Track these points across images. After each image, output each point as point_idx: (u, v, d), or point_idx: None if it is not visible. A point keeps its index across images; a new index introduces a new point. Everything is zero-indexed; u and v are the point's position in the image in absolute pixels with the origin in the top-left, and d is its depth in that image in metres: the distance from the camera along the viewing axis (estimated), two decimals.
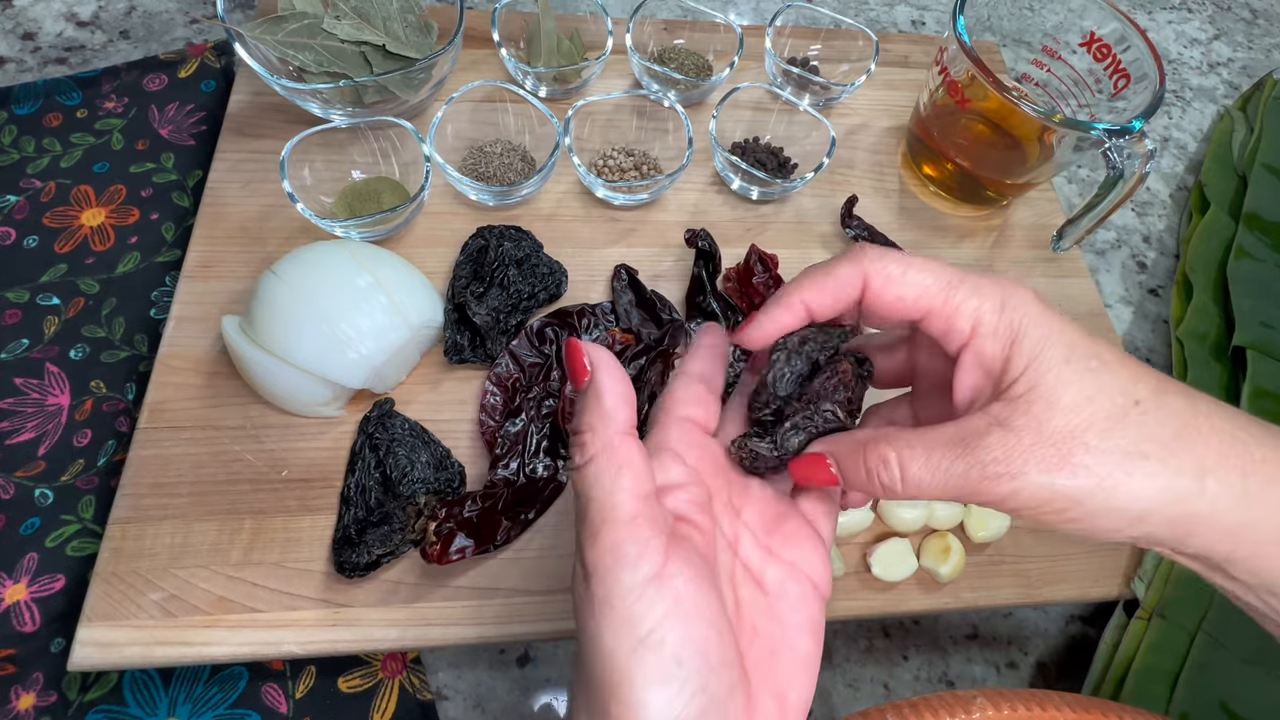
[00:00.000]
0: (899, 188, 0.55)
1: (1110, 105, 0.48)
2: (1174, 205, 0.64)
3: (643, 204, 0.50)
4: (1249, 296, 0.55)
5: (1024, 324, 0.22)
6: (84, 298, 0.45)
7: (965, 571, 0.41)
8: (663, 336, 0.44)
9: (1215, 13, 0.79)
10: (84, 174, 0.48)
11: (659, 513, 0.22)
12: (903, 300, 0.24)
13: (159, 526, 0.37)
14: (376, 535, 0.36)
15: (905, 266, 0.24)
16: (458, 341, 0.42)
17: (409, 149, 0.46)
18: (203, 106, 0.52)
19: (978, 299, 0.23)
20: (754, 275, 0.45)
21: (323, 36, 0.45)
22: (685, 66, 0.54)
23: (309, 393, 0.38)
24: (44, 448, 0.40)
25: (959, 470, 0.22)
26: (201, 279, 0.43)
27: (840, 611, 0.39)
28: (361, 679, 0.38)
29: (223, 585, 0.36)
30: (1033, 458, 0.21)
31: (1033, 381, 0.22)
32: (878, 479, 0.23)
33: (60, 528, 0.39)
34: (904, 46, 0.62)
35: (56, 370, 0.42)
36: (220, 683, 0.37)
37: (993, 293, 0.23)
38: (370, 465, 0.38)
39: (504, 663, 0.40)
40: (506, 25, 0.53)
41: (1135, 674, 0.41)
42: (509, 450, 0.39)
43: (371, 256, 0.40)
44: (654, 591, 0.21)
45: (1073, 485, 0.21)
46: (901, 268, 0.24)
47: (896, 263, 0.24)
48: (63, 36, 0.56)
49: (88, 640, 0.34)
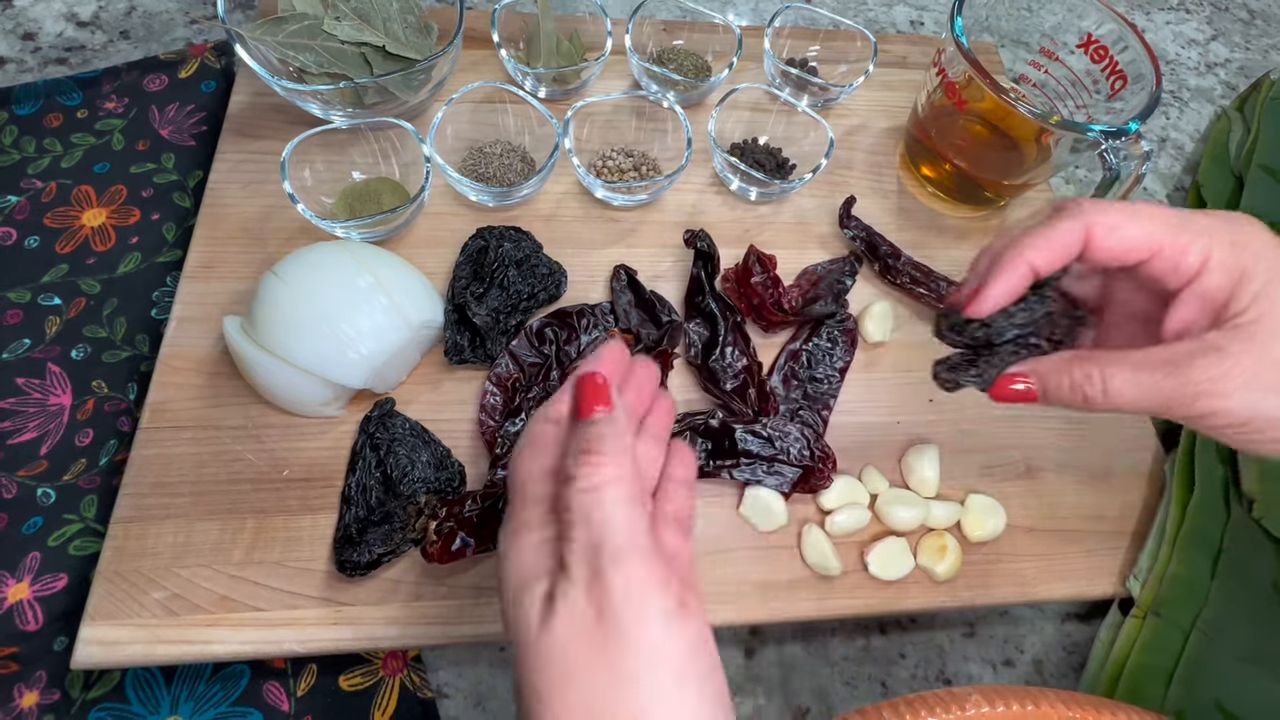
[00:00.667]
0: (897, 188, 0.55)
1: (1108, 106, 0.48)
2: (1171, 206, 0.65)
3: (642, 204, 0.50)
4: None
5: (1254, 260, 0.24)
6: (85, 298, 0.45)
7: (962, 570, 0.41)
8: (661, 337, 0.44)
9: (1213, 13, 0.79)
10: (85, 174, 0.49)
11: None
12: (1129, 247, 0.25)
13: (161, 526, 0.37)
14: (377, 534, 0.36)
15: (1128, 215, 0.25)
16: (458, 342, 0.42)
17: (409, 150, 0.46)
18: (203, 107, 0.52)
19: (1207, 237, 0.25)
20: (752, 276, 0.45)
21: (323, 37, 0.45)
22: (684, 67, 0.54)
23: (310, 393, 0.38)
24: (46, 447, 0.41)
25: (1168, 387, 0.24)
26: (202, 279, 0.43)
27: (838, 609, 0.39)
28: (363, 677, 0.38)
29: (225, 584, 0.36)
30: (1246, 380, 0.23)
31: (1259, 313, 0.23)
32: (1081, 391, 0.26)
33: (62, 527, 0.39)
34: (902, 47, 0.62)
35: (58, 370, 0.43)
36: (222, 681, 0.37)
37: (1223, 232, 0.24)
38: (371, 465, 0.39)
39: (504, 661, 0.41)
40: (506, 26, 0.53)
41: (1130, 672, 0.41)
42: (509, 450, 0.39)
43: (372, 257, 0.40)
44: (678, 626, 0.21)
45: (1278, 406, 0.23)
46: (1125, 216, 0.25)
47: (1119, 212, 0.26)
48: (63, 37, 0.56)
49: (90, 639, 0.34)
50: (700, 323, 0.45)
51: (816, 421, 0.44)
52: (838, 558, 0.40)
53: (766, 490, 0.41)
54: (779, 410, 0.43)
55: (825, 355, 0.46)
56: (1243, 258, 0.24)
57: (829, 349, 0.46)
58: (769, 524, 0.41)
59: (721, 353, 0.43)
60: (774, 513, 0.40)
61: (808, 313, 0.45)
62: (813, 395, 0.45)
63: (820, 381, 0.45)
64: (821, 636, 0.44)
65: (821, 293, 0.46)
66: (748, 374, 0.43)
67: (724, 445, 0.41)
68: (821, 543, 0.40)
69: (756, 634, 0.43)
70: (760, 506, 0.40)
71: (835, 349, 0.46)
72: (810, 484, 0.41)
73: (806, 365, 0.45)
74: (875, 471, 0.43)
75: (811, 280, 0.47)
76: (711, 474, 0.40)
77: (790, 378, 0.45)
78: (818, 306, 0.45)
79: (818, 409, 0.44)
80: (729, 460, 0.40)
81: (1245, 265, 0.24)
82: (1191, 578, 0.43)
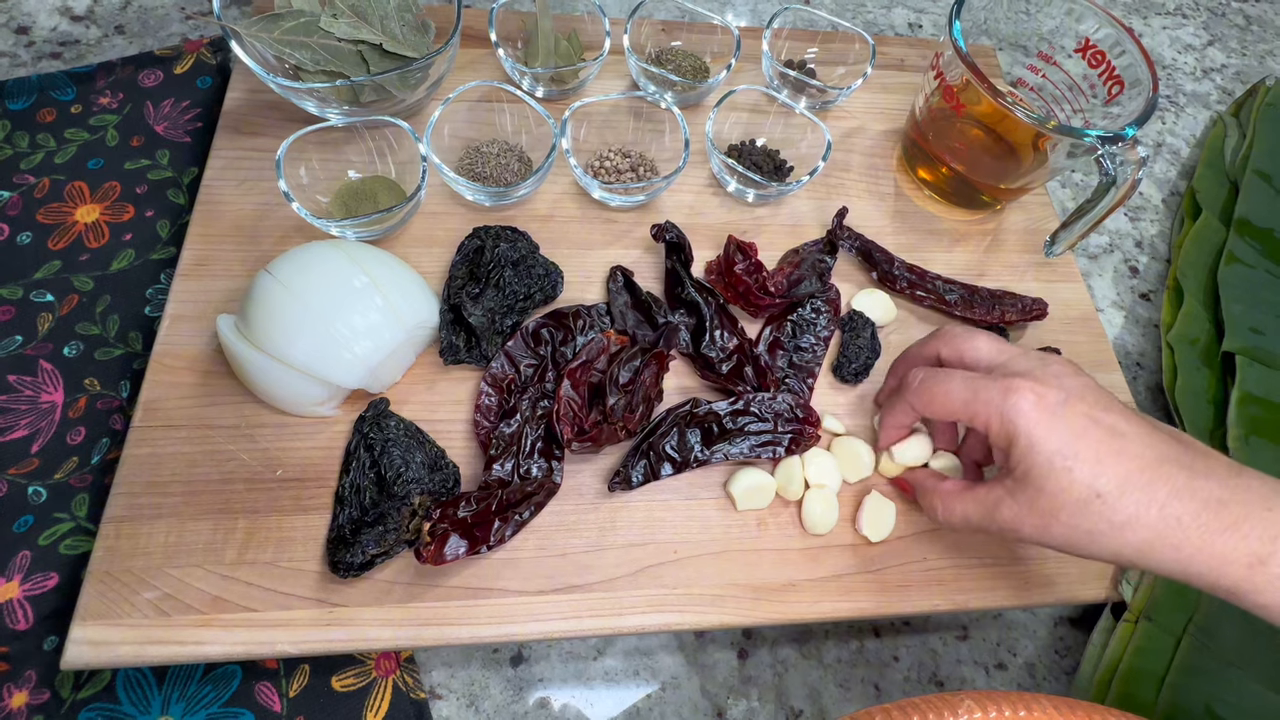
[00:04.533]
0: (894, 191, 0.55)
1: (1105, 111, 0.48)
2: (1166, 210, 0.65)
3: (639, 205, 0.50)
4: (1239, 302, 0.55)
5: (1018, 431, 0.32)
6: (78, 295, 0.44)
7: (957, 573, 0.41)
8: (658, 339, 0.44)
9: (1210, 19, 0.80)
10: (78, 170, 0.48)
11: None
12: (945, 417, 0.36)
13: (153, 525, 0.37)
14: (371, 535, 0.36)
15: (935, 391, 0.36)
16: (453, 342, 0.42)
17: (405, 148, 0.46)
18: (199, 103, 0.52)
19: (986, 410, 0.33)
20: (735, 264, 0.45)
21: (319, 35, 0.44)
22: (682, 68, 0.54)
23: (304, 392, 0.38)
24: (37, 445, 0.40)
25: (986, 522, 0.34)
26: (196, 277, 0.43)
27: (831, 612, 0.39)
28: (355, 678, 0.38)
29: (217, 584, 0.36)
30: (1027, 523, 0.32)
31: (1025, 469, 0.32)
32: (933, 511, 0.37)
33: (53, 525, 0.39)
34: (900, 50, 0.62)
35: (50, 367, 0.42)
36: (214, 681, 0.37)
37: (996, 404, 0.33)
38: (365, 465, 0.39)
39: (497, 661, 0.41)
40: (504, 25, 0.53)
41: (1123, 677, 0.42)
42: (504, 451, 0.39)
43: (367, 256, 0.40)
44: None
45: (1053, 544, 0.33)
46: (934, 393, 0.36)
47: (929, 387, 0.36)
48: (57, 31, 0.55)
49: (81, 639, 0.34)
50: (684, 313, 0.45)
51: (803, 389, 0.45)
52: (837, 511, 0.41)
53: (755, 470, 0.41)
54: (779, 384, 0.44)
55: (809, 325, 0.46)
56: (1008, 427, 0.32)
57: (813, 319, 0.47)
58: (762, 501, 0.41)
59: (711, 338, 0.44)
60: (764, 489, 0.41)
61: (794, 294, 0.46)
62: (798, 364, 0.45)
63: (805, 350, 0.46)
64: (815, 639, 0.44)
65: (805, 273, 0.46)
66: (740, 353, 0.44)
67: (713, 431, 0.41)
68: (817, 501, 0.41)
69: (750, 636, 0.43)
70: (751, 486, 0.41)
71: (819, 319, 0.47)
72: (800, 446, 0.41)
73: (792, 335, 0.46)
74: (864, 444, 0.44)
75: (794, 263, 0.48)
76: (705, 462, 0.40)
77: (776, 346, 0.46)
78: (803, 286, 0.46)
79: (803, 377, 0.45)
80: (721, 442, 0.41)
81: (1010, 432, 0.32)
82: (1182, 583, 0.44)
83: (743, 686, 0.42)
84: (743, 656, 0.43)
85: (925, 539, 0.42)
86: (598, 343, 0.41)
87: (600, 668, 0.41)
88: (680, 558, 0.40)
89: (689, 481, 0.42)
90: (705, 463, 0.40)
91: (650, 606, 0.38)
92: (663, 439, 0.40)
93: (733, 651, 0.43)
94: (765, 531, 0.41)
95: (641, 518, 0.40)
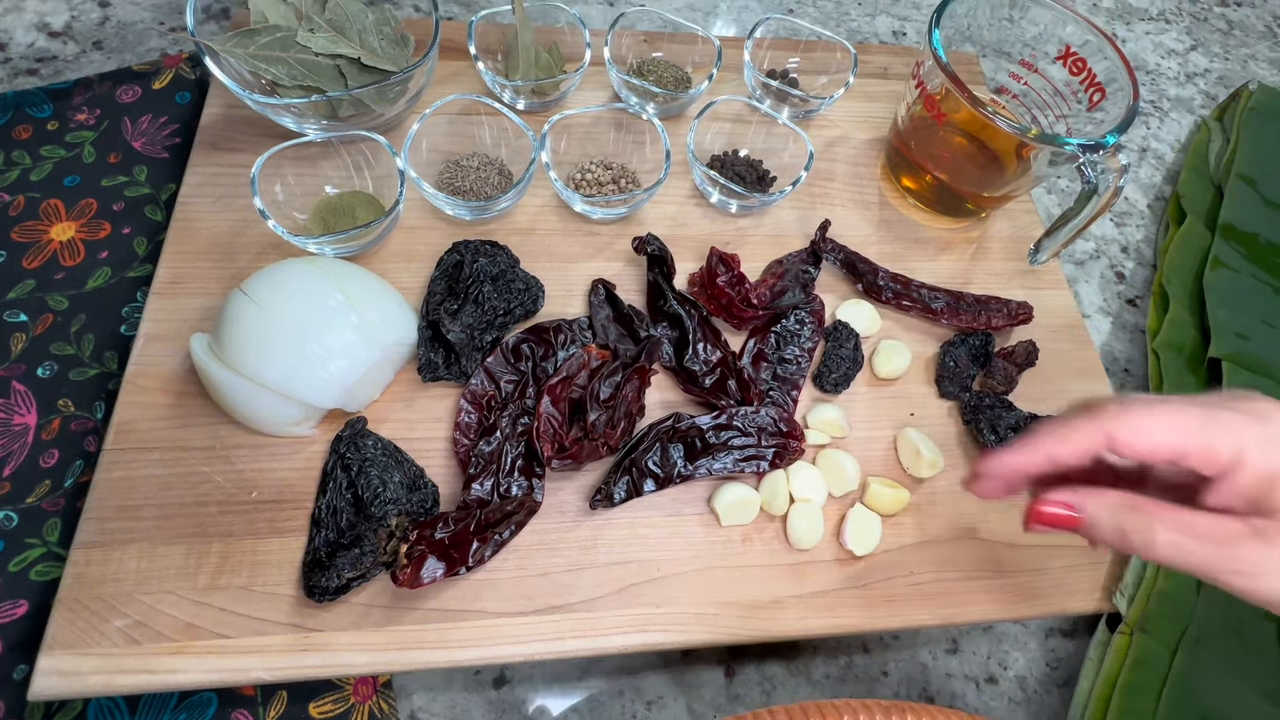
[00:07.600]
0: (879, 200, 0.55)
1: (1089, 117, 0.48)
2: (1152, 215, 0.65)
3: (621, 218, 0.50)
4: (1225, 307, 0.55)
5: None
6: (53, 314, 0.44)
7: (944, 586, 0.41)
8: (640, 353, 0.43)
9: (1192, 24, 0.80)
10: (54, 187, 0.48)
11: None
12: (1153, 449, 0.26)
13: (124, 550, 0.36)
14: (347, 558, 0.35)
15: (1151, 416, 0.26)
16: (432, 359, 0.41)
17: (383, 163, 0.46)
18: (177, 118, 0.51)
19: (1235, 436, 0.26)
20: (718, 276, 0.45)
21: (296, 50, 0.44)
22: (664, 79, 0.54)
23: (279, 412, 0.38)
24: (9, 468, 0.40)
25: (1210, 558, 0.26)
26: (171, 296, 0.43)
27: (818, 628, 0.39)
28: (333, 704, 0.37)
29: (189, 611, 0.35)
30: None
31: None
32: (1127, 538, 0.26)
33: (24, 551, 0.38)
34: (883, 58, 0.62)
35: (23, 389, 0.42)
36: (189, 709, 0.36)
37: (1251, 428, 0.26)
38: (342, 486, 0.38)
39: (479, 684, 0.40)
40: (484, 38, 0.52)
41: (1121, 690, 0.41)
42: (483, 469, 0.39)
43: (343, 273, 0.40)
44: None
45: None
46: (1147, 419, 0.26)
47: (1141, 414, 0.27)
48: (34, 47, 0.55)
49: (49, 669, 0.33)
50: (667, 326, 0.45)
51: (786, 401, 0.44)
52: (822, 525, 0.41)
53: (739, 485, 0.41)
54: (762, 397, 0.43)
55: (794, 337, 0.46)
56: (1273, 455, 0.25)
57: (797, 330, 0.46)
58: (746, 516, 0.40)
59: (694, 351, 0.43)
60: (748, 504, 0.40)
61: (777, 305, 0.45)
62: (782, 376, 0.45)
63: (790, 363, 0.45)
64: (803, 655, 0.43)
65: (788, 284, 0.46)
66: (724, 366, 0.43)
67: (696, 446, 0.40)
68: (802, 516, 0.41)
69: (736, 653, 0.43)
70: (735, 500, 0.40)
71: (803, 330, 0.46)
72: (784, 460, 0.41)
73: (776, 347, 0.46)
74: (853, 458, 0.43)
75: (777, 274, 0.47)
76: (688, 477, 0.40)
77: (760, 359, 0.45)
78: (786, 298, 0.45)
79: (787, 390, 0.44)
80: (705, 457, 0.40)
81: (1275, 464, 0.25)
82: (1177, 594, 0.43)
83: (730, 704, 0.41)
84: (730, 674, 0.42)
85: (911, 552, 0.41)
86: (578, 358, 0.41)
87: (585, 688, 0.41)
88: (664, 575, 0.39)
89: (672, 498, 0.41)
90: (688, 478, 0.40)
91: (634, 626, 0.38)
92: (645, 455, 0.40)
93: (720, 669, 0.42)
94: (750, 547, 0.40)
95: (624, 535, 0.40)
